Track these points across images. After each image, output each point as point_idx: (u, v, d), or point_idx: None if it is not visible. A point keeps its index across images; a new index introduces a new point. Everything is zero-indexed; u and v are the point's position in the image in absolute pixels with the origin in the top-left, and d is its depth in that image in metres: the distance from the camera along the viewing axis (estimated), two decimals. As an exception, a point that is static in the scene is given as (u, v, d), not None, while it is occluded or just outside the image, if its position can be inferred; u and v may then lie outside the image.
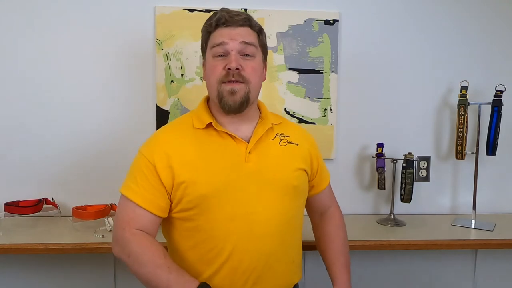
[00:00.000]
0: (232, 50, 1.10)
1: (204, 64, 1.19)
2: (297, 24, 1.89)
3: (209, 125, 1.14)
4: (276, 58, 1.90)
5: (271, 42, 1.88)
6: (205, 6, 1.84)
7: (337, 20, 1.90)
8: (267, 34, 1.73)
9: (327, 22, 1.90)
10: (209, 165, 1.10)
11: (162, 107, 1.87)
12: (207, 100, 1.22)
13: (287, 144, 1.20)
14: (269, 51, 1.87)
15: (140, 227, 1.08)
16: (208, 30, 1.15)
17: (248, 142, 1.14)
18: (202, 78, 1.84)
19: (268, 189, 1.11)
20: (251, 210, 1.09)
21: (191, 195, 1.07)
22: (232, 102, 1.10)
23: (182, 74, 1.87)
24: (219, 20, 1.11)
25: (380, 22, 1.94)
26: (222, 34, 1.11)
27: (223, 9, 1.14)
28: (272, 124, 1.20)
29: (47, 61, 1.82)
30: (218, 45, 1.10)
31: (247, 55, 1.12)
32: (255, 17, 1.84)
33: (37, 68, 1.82)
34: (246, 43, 1.11)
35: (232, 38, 1.10)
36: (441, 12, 1.96)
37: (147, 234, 1.08)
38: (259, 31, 1.17)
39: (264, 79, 1.21)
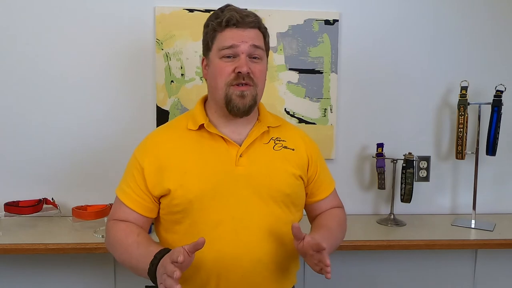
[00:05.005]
0: (242, 53, 1.07)
1: (205, 63, 1.15)
2: (297, 24, 1.89)
3: (202, 126, 1.12)
4: (276, 58, 1.90)
5: (271, 42, 1.86)
6: (205, 6, 1.84)
7: (337, 20, 1.90)
8: (267, 34, 1.71)
9: (327, 22, 1.90)
10: (198, 169, 1.08)
11: (162, 107, 1.87)
12: (205, 100, 1.19)
13: (281, 149, 1.15)
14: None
15: None
16: (215, 29, 1.09)
17: (240, 145, 1.11)
18: (202, 78, 1.84)
19: (258, 195, 1.08)
20: (238, 216, 1.06)
21: (178, 199, 1.06)
22: (241, 105, 1.07)
23: (182, 74, 1.87)
24: (230, 20, 1.07)
25: (380, 22, 1.94)
26: (232, 36, 1.07)
27: (230, 7, 1.10)
28: (268, 127, 1.16)
29: (47, 61, 1.82)
30: (228, 47, 1.07)
31: (255, 58, 1.09)
32: (255, 17, 1.86)
33: (37, 68, 1.82)
34: (255, 46, 1.08)
35: (243, 40, 1.07)
36: (441, 12, 1.96)
37: (127, 221, 1.11)
38: (265, 33, 1.14)
39: (266, 79, 1.18)
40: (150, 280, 0.96)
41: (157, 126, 1.85)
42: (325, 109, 1.94)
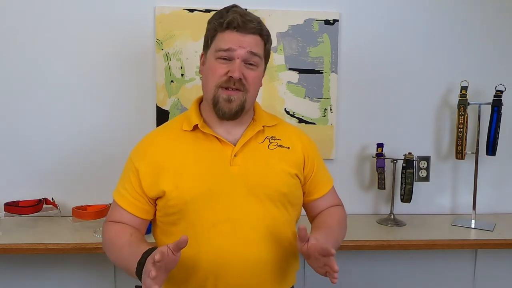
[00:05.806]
0: (237, 58, 1.06)
1: (203, 59, 1.15)
2: (297, 24, 1.89)
3: (196, 127, 1.11)
4: (276, 58, 1.90)
5: (271, 42, 1.88)
6: (205, 6, 1.84)
7: (337, 20, 1.90)
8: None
9: (327, 22, 1.90)
10: (193, 170, 1.08)
11: (162, 107, 1.87)
12: (200, 101, 1.19)
13: (276, 148, 1.15)
14: (269, 51, 1.89)
15: None
16: (216, 28, 1.09)
17: (235, 145, 1.11)
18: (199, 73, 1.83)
19: (254, 195, 1.08)
20: (235, 216, 1.06)
21: (174, 200, 1.06)
22: (227, 110, 1.07)
23: (182, 74, 1.87)
24: (231, 23, 1.06)
25: (380, 22, 1.94)
26: (230, 39, 1.06)
27: (235, 9, 1.08)
28: (264, 126, 1.16)
29: (47, 61, 1.82)
30: (224, 50, 1.06)
31: (251, 64, 1.08)
32: (255, 17, 1.86)
33: (37, 68, 1.82)
34: (253, 53, 1.07)
35: (241, 45, 1.06)
36: (441, 12, 1.96)
37: (122, 223, 1.11)
38: (267, 40, 1.12)
39: (261, 85, 1.17)
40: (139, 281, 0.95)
41: (157, 126, 1.84)
42: (325, 109, 1.94)
